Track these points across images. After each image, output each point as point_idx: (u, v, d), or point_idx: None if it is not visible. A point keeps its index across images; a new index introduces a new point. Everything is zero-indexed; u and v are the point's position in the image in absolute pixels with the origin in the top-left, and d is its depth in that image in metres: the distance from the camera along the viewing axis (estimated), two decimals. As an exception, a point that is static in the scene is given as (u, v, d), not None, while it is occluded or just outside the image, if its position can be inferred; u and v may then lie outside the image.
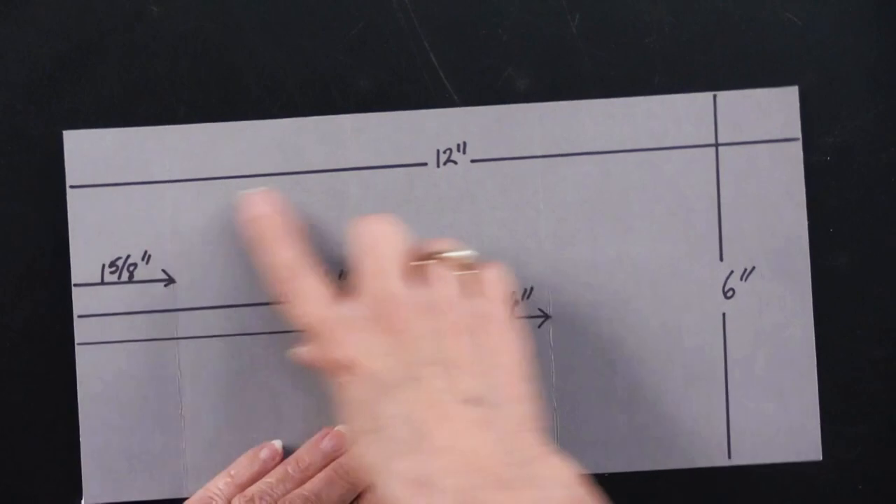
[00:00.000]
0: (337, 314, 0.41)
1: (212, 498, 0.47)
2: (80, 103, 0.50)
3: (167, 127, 0.49)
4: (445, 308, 0.41)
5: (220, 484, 0.47)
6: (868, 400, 0.50)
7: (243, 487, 0.47)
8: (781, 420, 0.49)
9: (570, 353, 0.50)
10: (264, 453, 0.48)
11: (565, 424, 0.49)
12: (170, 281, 0.50)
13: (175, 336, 0.49)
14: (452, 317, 0.41)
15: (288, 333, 0.49)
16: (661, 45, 0.50)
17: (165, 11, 0.50)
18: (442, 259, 0.43)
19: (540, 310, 0.50)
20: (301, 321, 0.42)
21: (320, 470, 0.47)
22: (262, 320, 0.49)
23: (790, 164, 0.49)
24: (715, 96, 0.49)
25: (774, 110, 0.49)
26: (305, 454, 0.48)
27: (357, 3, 0.50)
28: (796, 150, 0.49)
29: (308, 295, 0.42)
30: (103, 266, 0.49)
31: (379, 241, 0.42)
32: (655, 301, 0.49)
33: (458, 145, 0.50)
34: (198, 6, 0.50)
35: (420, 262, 0.42)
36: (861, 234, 0.50)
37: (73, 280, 0.49)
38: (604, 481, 0.49)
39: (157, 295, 0.49)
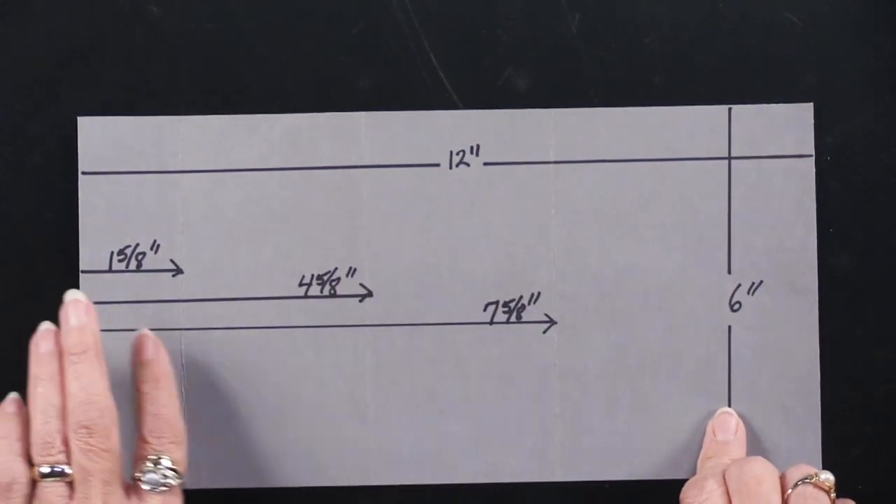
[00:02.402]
0: None
1: None
2: (80, 103, 0.50)
3: (182, 117, 0.49)
4: None
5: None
6: (868, 400, 0.50)
7: (23, 440, 0.45)
8: (783, 436, 0.49)
9: (575, 360, 0.50)
10: (9, 407, 0.46)
11: (567, 431, 0.49)
12: (178, 271, 0.50)
13: (181, 327, 0.49)
14: None
15: (292, 329, 0.49)
16: (660, 45, 0.50)
17: (165, 11, 0.50)
18: (812, 483, 0.44)
19: (546, 315, 0.50)
20: None
21: (60, 370, 0.45)
22: (269, 314, 0.49)
23: (802, 181, 0.49)
24: (730, 109, 0.49)
25: (789, 126, 0.49)
26: (39, 369, 0.45)
27: (357, 3, 0.50)
28: (809, 166, 0.49)
29: None
30: (112, 254, 0.49)
31: (760, 478, 0.44)
32: (662, 311, 0.50)
33: (472, 147, 0.50)
34: (198, 6, 0.50)
35: (792, 488, 0.44)
36: (861, 234, 0.50)
37: (81, 267, 0.49)
38: (604, 490, 0.50)
39: (164, 285, 0.49)
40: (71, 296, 0.46)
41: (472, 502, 0.50)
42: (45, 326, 0.46)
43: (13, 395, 0.46)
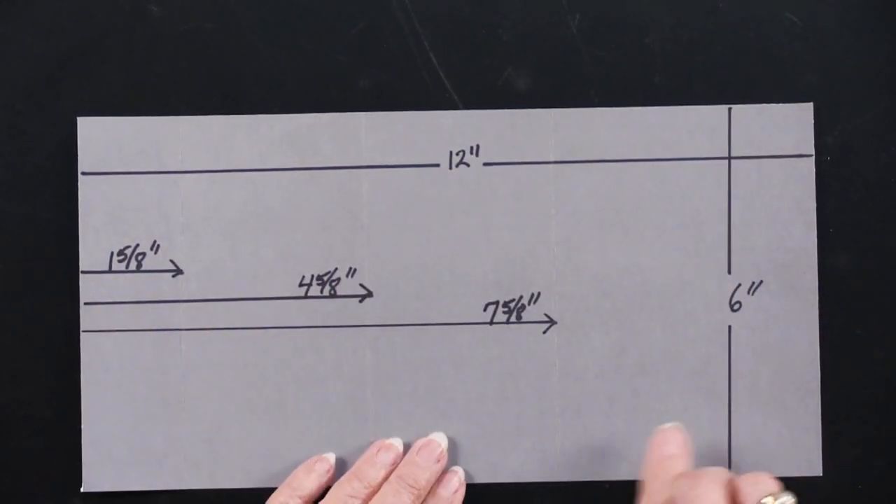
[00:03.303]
0: None
1: None
2: (80, 103, 0.50)
3: (182, 118, 0.50)
4: None
5: (281, 498, 0.48)
6: (868, 400, 0.50)
7: (306, 499, 0.48)
8: (783, 435, 0.49)
9: (575, 360, 0.50)
10: (319, 466, 0.49)
11: (567, 431, 0.50)
12: (178, 272, 0.50)
13: (180, 327, 0.49)
14: None
15: (292, 329, 0.49)
16: (660, 45, 0.50)
17: (165, 11, 0.50)
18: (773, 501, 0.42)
19: (546, 315, 0.50)
20: None
21: (381, 482, 0.48)
22: (268, 315, 0.49)
23: (802, 181, 0.49)
24: (730, 109, 0.49)
25: (789, 126, 0.49)
26: (366, 468, 0.48)
27: (357, 3, 0.50)
28: (809, 166, 0.49)
29: None
30: (112, 254, 0.49)
31: (707, 494, 0.41)
32: (662, 311, 0.50)
33: (472, 148, 0.50)
34: (198, 6, 0.50)
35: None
36: (861, 233, 0.50)
37: (81, 267, 0.49)
38: (604, 490, 0.50)
39: (164, 285, 0.49)
40: (436, 436, 0.49)
41: (472, 502, 0.50)
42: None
43: (332, 458, 0.49)
